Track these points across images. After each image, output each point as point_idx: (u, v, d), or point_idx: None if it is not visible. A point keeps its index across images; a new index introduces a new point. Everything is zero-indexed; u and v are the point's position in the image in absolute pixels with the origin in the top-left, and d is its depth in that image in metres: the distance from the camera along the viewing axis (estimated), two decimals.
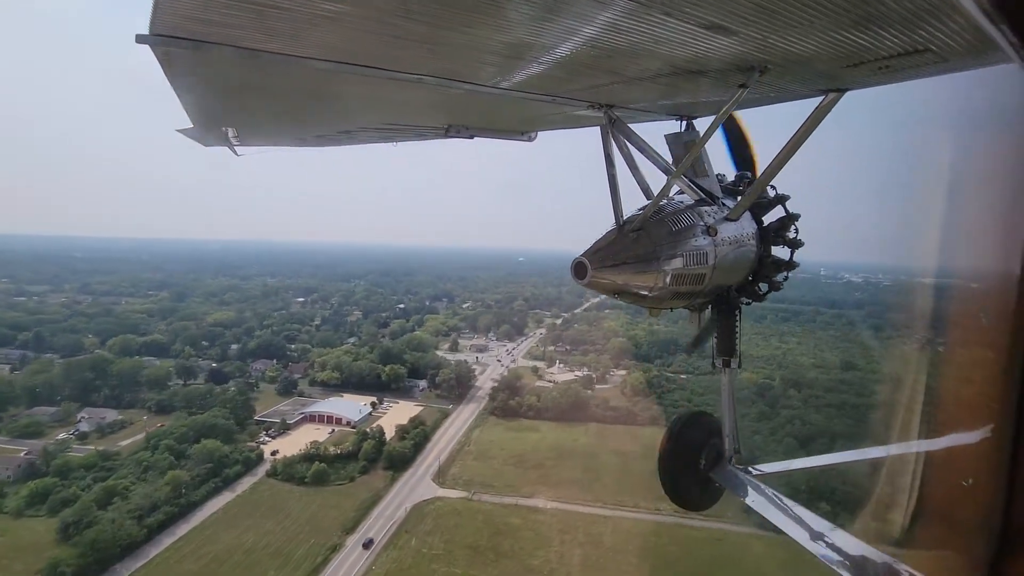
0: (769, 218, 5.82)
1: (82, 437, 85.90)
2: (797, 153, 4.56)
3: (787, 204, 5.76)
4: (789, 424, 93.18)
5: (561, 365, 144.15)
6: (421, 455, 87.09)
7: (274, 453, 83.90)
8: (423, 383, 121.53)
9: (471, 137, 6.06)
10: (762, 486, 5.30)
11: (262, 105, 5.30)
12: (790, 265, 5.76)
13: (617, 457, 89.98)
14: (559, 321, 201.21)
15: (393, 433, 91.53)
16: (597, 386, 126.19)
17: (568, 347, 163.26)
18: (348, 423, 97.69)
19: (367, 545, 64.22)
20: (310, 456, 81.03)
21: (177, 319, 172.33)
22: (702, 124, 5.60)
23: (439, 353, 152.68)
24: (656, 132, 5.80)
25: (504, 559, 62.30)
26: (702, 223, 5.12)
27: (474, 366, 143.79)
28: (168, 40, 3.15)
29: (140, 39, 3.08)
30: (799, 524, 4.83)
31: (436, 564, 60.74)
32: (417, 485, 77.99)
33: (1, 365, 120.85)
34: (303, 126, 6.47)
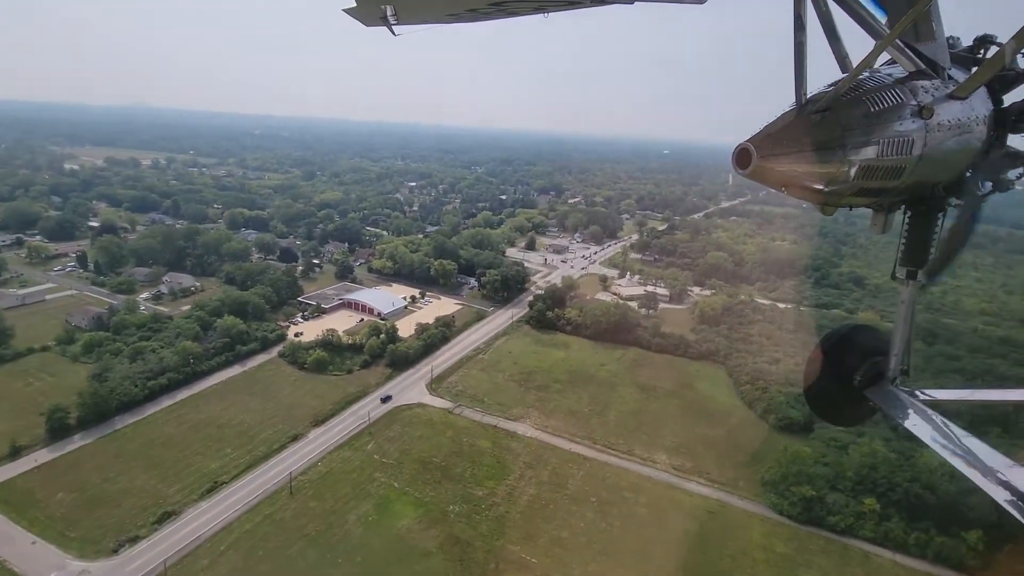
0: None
1: (157, 298, 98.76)
2: None
3: None
4: None
5: (636, 277, 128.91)
6: (430, 357, 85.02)
7: (298, 335, 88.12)
8: (473, 281, 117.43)
9: (631, 2, 4.94)
10: (928, 411, 4.69)
11: None
12: None
13: (638, 392, 78.72)
14: (663, 227, 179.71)
15: (413, 331, 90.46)
16: (665, 306, 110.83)
17: (655, 257, 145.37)
18: (379, 314, 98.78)
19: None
20: (322, 343, 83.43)
21: (290, 195, 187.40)
22: None
23: (511, 251, 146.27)
24: None
25: (449, 482, 58.73)
26: (914, 101, 4.10)
27: (540, 268, 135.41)
28: None
29: None
30: (970, 457, 4.13)
31: (379, 473, 59.51)
32: (408, 388, 76.56)
33: (141, 227, 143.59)
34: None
